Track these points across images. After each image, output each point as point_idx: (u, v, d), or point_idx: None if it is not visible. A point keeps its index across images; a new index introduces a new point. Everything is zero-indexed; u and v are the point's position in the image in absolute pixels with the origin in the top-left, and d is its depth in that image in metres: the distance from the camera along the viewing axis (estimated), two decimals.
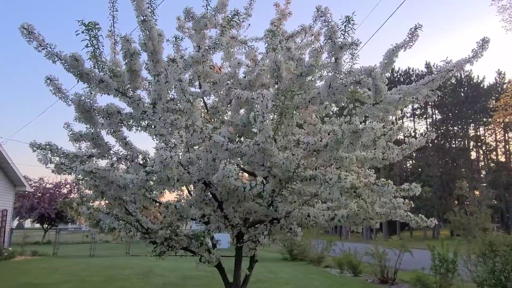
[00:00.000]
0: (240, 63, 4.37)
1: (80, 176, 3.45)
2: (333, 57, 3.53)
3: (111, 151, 4.28)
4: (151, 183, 3.73)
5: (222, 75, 4.37)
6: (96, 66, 3.46)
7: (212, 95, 4.77)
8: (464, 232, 25.08)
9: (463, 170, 53.69)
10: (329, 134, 3.97)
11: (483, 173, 56.33)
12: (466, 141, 59.11)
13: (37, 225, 36.07)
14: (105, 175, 3.53)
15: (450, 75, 4.24)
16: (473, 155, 60.15)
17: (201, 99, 4.89)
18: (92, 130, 3.98)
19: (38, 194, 32.58)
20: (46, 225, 33.74)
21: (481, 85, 58.38)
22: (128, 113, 3.87)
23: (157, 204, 4.50)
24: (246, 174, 5.75)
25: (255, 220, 4.79)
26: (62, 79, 3.79)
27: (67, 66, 3.23)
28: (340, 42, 3.40)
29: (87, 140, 4.01)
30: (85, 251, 20.65)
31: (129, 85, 3.48)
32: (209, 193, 4.43)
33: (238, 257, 4.93)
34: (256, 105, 3.20)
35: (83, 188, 3.93)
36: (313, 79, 4.47)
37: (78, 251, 22.14)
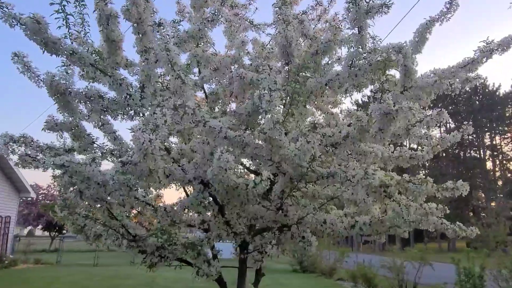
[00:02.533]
0: (245, 42, 3.76)
1: (47, 167, 2.86)
2: (357, 27, 2.90)
3: (95, 145, 3.70)
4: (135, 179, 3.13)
5: (223, 57, 3.77)
6: (69, 37, 2.89)
7: (213, 83, 4.17)
8: (482, 244, 23.99)
9: (478, 180, 52.01)
10: (349, 125, 3.32)
11: (500, 183, 54.62)
12: (481, 150, 57.47)
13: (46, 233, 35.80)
14: (80, 170, 2.93)
15: (493, 56, 3.58)
16: (489, 165, 58.41)
17: (201, 88, 4.30)
18: (70, 119, 3.40)
19: (47, 202, 32.33)
20: (54, 233, 33.41)
21: (497, 93, 56.85)
22: (112, 98, 3.28)
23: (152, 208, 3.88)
24: (252, 176, 5.14)
25: (261, 227, 4.14)
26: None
27: (28, 32, 2.66)
28: (366, 6, 2.77)
29: (64, 130, 3.43)
30: (90, 260, 20.08)
31: (109, 60, 2.88)
32: (208, 195, 3.80)
33: (241, 270, 4.26)
34: (262, 81, 2.59)
35: (58, 186, 3.33)
36: (329, 62, 3.85)
37: (82, 260, 21.57)
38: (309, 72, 3.43)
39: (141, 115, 3.32)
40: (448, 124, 58.81)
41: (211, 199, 3.96)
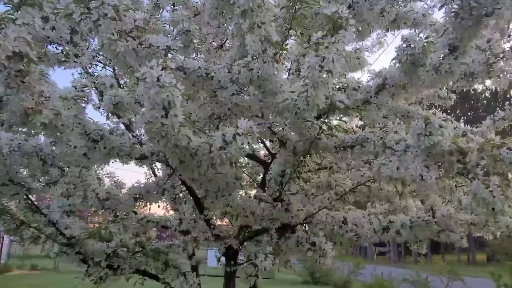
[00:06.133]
0: None
1: None
2: None
3: None
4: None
5: None
6: None
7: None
8: (506, 257, 22.31)
9: None
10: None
11: None
12: None
13: None
14: None
15: None
16: None
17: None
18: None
19: None
20: None
21: None
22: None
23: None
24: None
25: (256, 229, 2.98)
26: None
27: None
28: None
29: None
30: None
31: None
32: (180, 182, 2.68)
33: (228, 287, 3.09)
34: None
35: None
36: None
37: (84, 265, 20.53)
38: None
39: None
40: None
41: (185, 187, 2.86)
